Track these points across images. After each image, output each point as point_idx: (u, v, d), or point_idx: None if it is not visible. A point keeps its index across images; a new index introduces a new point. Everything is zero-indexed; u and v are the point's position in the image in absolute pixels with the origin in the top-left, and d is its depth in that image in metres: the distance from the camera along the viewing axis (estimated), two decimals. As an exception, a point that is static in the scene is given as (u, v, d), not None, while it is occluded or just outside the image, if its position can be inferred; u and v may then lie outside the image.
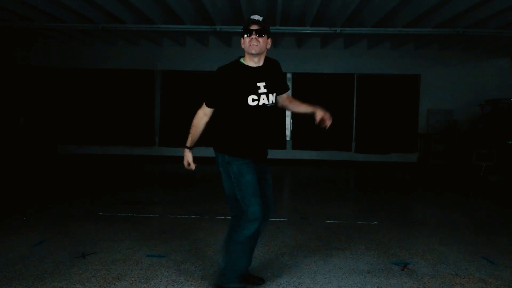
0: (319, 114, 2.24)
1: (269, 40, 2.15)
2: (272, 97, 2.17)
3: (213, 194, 5.10)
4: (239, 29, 7.26)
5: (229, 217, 3.71)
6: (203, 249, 2.94)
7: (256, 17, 2.09)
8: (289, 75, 8.76)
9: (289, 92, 2.49)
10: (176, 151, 8.83)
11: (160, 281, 2.37)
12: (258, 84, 2.11)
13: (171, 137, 8.85)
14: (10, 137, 7.96)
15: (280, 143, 8.72)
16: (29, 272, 2.46)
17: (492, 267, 2.69)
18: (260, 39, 2.07)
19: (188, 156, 2.29)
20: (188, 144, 2.28)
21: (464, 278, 2.49)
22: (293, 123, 8.80)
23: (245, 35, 2.08)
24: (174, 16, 6.57)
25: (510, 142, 6.99)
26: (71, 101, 8.84)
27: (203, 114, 2.20)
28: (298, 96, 8.71)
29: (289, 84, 8.77)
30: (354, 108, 8.75)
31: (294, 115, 8.78)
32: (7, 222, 3.55)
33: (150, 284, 2.33)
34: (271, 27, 7.87)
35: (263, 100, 2.11)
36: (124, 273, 2.47)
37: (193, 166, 2.28)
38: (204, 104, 2.19)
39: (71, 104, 8.84)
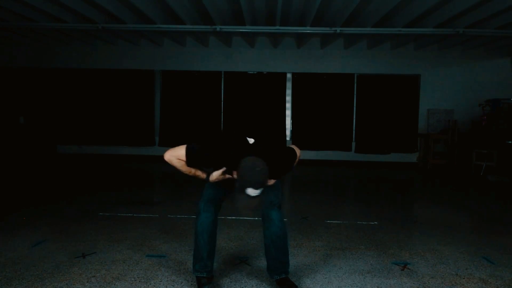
0: None
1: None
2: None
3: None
4: (239, 29, 7.33)
5: (228, 217, 3.72)
6: (203, 249, 2.93)
7: (254, 192, 1.85)
8: (289, 75, 8.77)
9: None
10: (176, 151, 8.84)
11: (160, 281, 2.37)
12: None
13: (171, 137, 8.85)
14: (10, 137, 7.95)
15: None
16: (29, 272, 2.46)
17: (492, 267, 2.69)
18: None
19: (218, 175, 2.12)
20: (204, 175, 2.15)
21: (464, 278, 2.49)
22: (293, 123, 8.81)
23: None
24: (174, 16, 6.58)
25: (510, 142, 6.99)
26: (71, 101, 8.86)
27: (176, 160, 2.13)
28: (298, 96, 8.73)
29: (289, 84, 8.79)
30: (354, 108, 8.75)
31: (294, 115, 8.79)
32: (7, 222, 3.55)
33: (150, 284, 2.33)
34: (271, 27, 7.84)
35: None
36: (124, 273, 2.46)
37: (217, 173, 2.13)
38: (183, 155, 2.08)
39: (71, 104, 8.86)
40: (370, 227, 3.61)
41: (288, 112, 8.80)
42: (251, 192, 1.84)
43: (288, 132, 8.83)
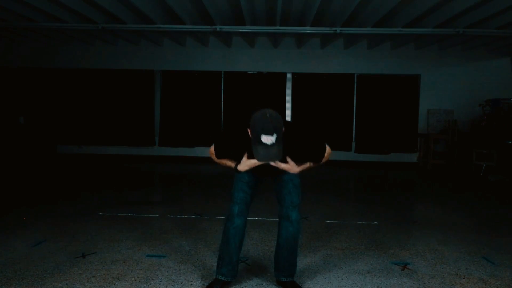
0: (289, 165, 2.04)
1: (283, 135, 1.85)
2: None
3: (213, 194, 5.10)
4: (239, 29, 7.32)
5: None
6: (203, 249, 2.94)
7: (269, 140, 1.77)
8: (289, 75, 8.77)
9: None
10: (176, 151, 8.85)
11: (160, 281, 2.37)
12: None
13: (171, 137, 8.85)
14: (10, 137, 7.95)
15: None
16: (29, 272, 2.46)
17: (492, 267, 2.69)
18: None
19: (245, 163, 2.06)
20: (234, 165, 2.12)
21: (464, 278, 2.49)
22: (293, 123, 8.80)
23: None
24: (174, 16, 6.57)
25: (510, 142, 6.99)
26: (71, 101, 8.85)
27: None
28: (298, 96, 8.73)
29: (289, 84, 8.78)
30: (354, 108, 8.75)
31: (294, 115, 8.79)
32: (7, 222, 3.55)
33: (150, 284, 2.33)
34: (271, 27, 7.80)
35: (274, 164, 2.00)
36: (124, 273, 2.47)
37: (248, 162, 2.05)
38: (213, 149, 2.13)
39: (71, 104, 8.86)
40: (370, 227, 3.61)
41: (288, 112, 8.80)
42: (266, 139, 1.77)
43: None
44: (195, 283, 2.35)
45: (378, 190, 5.94)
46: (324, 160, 2.13)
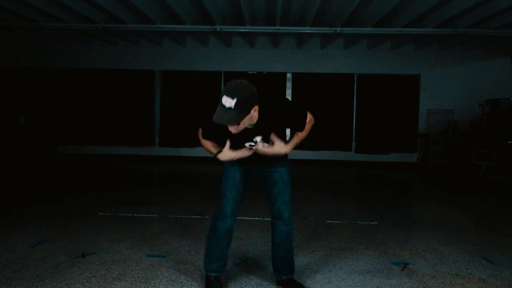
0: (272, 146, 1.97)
1: (253, 111, 1.79)
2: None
3: (213, 194, 5.09)
4: (239, 29, 7.31)
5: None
6: (203, 249, 2.92)
7: (228, 102, 1.69)
8: (289, 75, 8.77)
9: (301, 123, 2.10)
10: (176, 151, 8.85)
11: (160, 281, 2.37)
12: (255, 138, 1.94)
13: (171, 137, 8.85)
14: (10, 137, 7.95)
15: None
16: (29, 272, 2.46)
17: (492, 267, 2.69)
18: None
19: (225, 154, 1.98)
20: (215, 152, 2.05)
21: (464, 278, 2.49)
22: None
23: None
24: (174, 16, 6.58)
25: (510, 142, 6.99)
26: (71, 101, 8.86)
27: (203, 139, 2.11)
28: (298, 96, 8.73)
29: (289, 84, 8.77)
30: (354, 108, 8.75)
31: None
32: (7, 221, 3.55)
33: (150, 284, 2.33)
34: (271, 27, 7.76)
35: (261, 143, 1.95)
36: (124, 273, 2.46)
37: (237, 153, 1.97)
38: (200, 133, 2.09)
39: (71, 104, 8.86)
40: (370, 227, 3.61)
41: (288, 112, 8.79)
42: (225, 100, 1.69)
43: (288, 132, 8.80)
44: (195, 283, 2.35)
45: (378, 190, 5.94)
46: (307, 126, 2.08)
